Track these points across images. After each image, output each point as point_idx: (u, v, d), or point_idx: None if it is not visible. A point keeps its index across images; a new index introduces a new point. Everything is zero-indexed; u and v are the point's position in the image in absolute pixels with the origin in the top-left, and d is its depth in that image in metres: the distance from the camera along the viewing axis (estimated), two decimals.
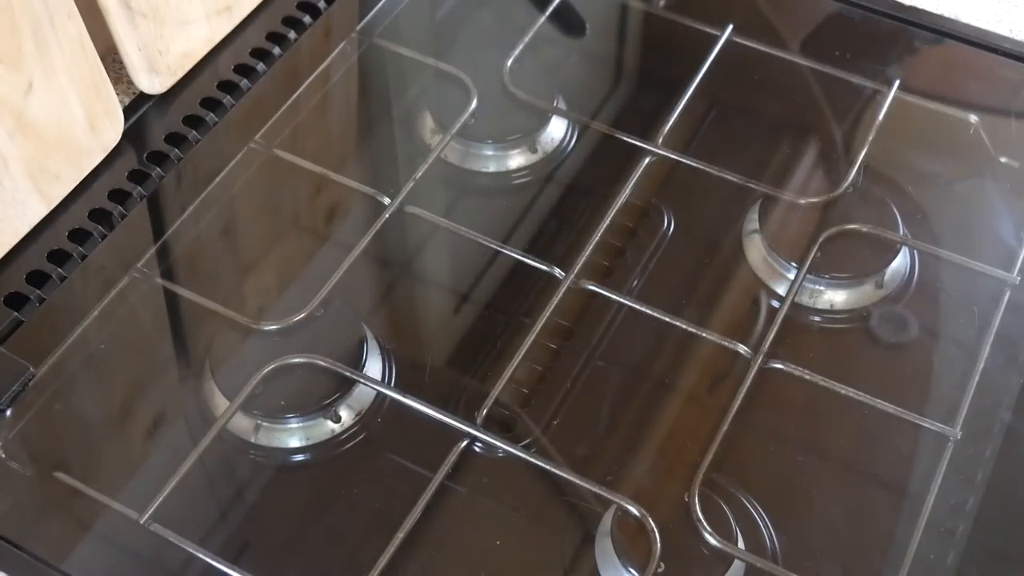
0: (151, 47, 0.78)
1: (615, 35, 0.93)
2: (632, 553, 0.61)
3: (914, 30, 0.87)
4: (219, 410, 0.67)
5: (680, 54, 0.87)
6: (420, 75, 0.86)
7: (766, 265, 0.75)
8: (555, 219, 0.78)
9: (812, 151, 0.82)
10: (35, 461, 0.66)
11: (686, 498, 0.63)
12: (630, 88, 0.89)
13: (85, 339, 0.70)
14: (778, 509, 0.64)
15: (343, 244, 0.75)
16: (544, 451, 0.67)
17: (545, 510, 0.66)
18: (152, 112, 0.80)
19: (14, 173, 0.71)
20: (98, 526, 0.64)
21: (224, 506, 0.66)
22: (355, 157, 0.84)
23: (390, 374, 0.70)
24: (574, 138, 0.82)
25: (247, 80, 0.82)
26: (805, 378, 0.69)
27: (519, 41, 0.85)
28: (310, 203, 0.80)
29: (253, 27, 0.85)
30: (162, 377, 0.71)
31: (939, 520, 0.63)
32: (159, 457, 0.66)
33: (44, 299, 0.71)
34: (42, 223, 0.73)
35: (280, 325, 0.70)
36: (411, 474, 0.66)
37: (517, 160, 0.81)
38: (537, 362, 0.70)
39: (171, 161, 0.78)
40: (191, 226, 0.76)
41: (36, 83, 0.71)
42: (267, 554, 0.64)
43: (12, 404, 0.67)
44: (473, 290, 0.75)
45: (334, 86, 0.85)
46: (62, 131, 0.73)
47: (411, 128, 0.83)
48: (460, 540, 0.64)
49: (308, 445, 0.67)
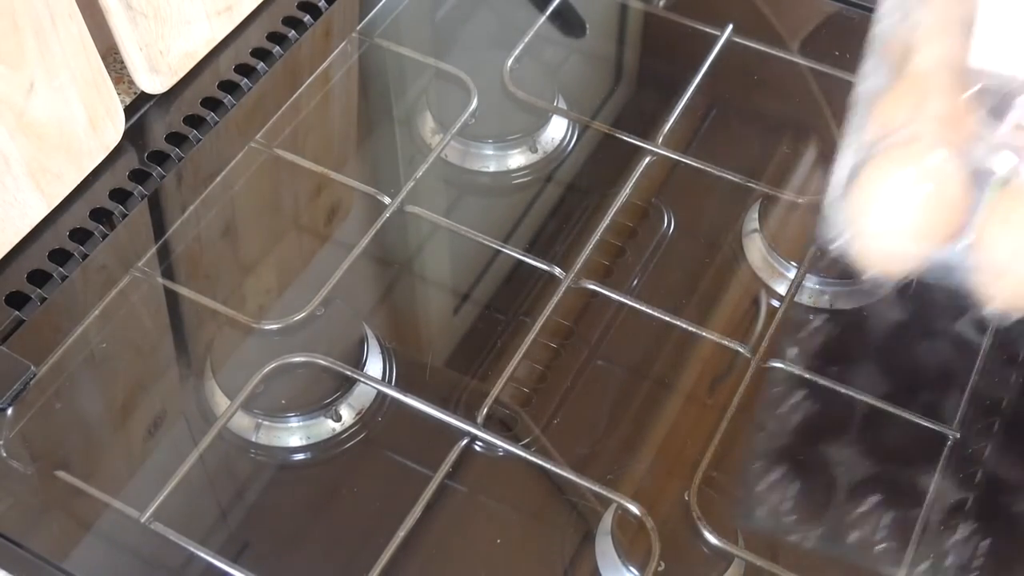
0: (152, 47, 0.78)
1: (615, 35, 0.93)
2: (632, 552, 0.61)
3: None
4: (220, 409, 0.67)
5: (680, 54, 0.87)
6: (420, 75, 0.86)
7: (766, 265, 0.75)
8: (555, 219, 0.78)
9: (812, 151, 0.82)
10: (36, 460, 0.66)
11: (686, 497, 0.63)
12: (630, 88, 0.89)
13: (86, 338, 0.70)
14: (778, 508, 0.65)
15: (343, 243, 0.75)
16: (544, 450, 0.67)
17: (545, 509, 0.66)
18: (153, 112, 0.80)
19: (15, 172, 0.71)
20: (99, 525, 0.64)
21: (225, 505, 0.66)
22: (355, 157, 0.84)
23: (390, 373, 0.70)
24: (574, 138, 0.82)
25: (248, 80, 0.82)
26: (805, 377, 0.69)
27: (519, 41, 0.85)
28: (311, 202, 0.80)
29: (254, 27, 0.85)
30: (163, 376, 0.71)
31: (939, 520, 0.63)
32: (160, 456, 0.66)
33: (45, 298, 0.71)
34: (43, 222, 0.73)
35: (281, 324, 0.70)
36: (411, 473, 0.66)
37: (517, 160, 0.81)
38: (537, 361, 0.70)
39: (172, 161, 0.78)
40: (192, 225, 0.76)
41: (37, 83, 0.71)
42: (267, 553, 0.64)
43: (13, 403, 0.67)
44: (473, 289, 0.75)
45: (335, 86, 0.85)
46: (63, 130, 0.73)
47: (411, 128, 0.83)
48: (460, 540, 0.64)
49: (309, 444, 0.67)
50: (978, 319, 0.60)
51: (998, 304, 0.47)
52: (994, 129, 0.48)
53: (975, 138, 0.48)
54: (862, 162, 0.49)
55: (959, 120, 0.49)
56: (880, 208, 0.48)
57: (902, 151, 0.49)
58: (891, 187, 0.48)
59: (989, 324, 0.67)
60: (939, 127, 0.49)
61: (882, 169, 0.49)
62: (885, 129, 0.50)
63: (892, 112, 0.51)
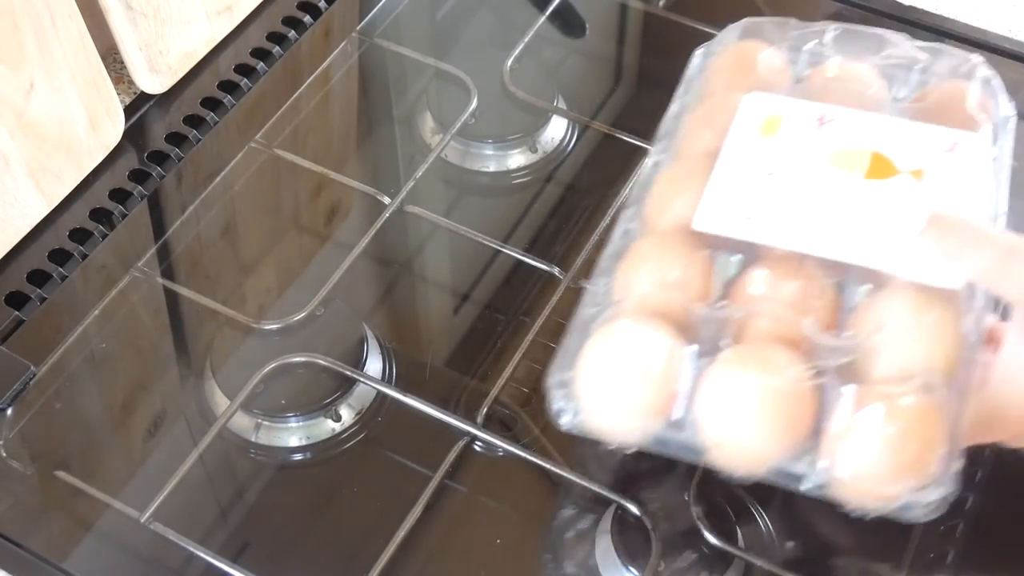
0: (152, 47, 0.78)
1: (615, 35, 0.93)
2: (632, 552, 0.61)
3: (914, 30, 0.87)
4: (220, 409, 0.67)
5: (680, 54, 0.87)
6: (420, 75, 0.86)
7: None
8: (555, 219, 0.78)
9: None
10: (36, 460, 0.66)
11: (686, 497, 0.63)
12: (630, 88, 0.89)
13: (86, 338, 0.70)
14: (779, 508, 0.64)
15: (343, 243, 0.75)
16: (544, 450, 0.67)
17: (545, 509, 0.66)
18: (153, 112, 0.80)
19: (15, 172, 0.71)
20: (99, 525, 0.64)
21: (225, 505, 0.66)
22: (355, 157, 0.84)
23: (390, 373, 0.70)
24: (574, 138, 0.82)
25: (248, 80, 0.82)
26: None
27: (519, 41, 0.85)
28: (310, 202, 0.80)
29: (254, 27, 0.85)
30: (163, 376, 0.71)
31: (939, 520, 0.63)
32: (160, 456, 0.66)
33: (45, 298, 0.71)
34: (43, 222, 0.73)
35: (280, 324, 0.70)
36: (411, 473, 0.66)
37: (517, 160, 0.81)
38: (537, 361, 0.70)
39: (172, 161, 0.78)
40: (192, 226, 0.76)
41: (37, 83, 0.71)
42: (267, 553, 0.64)
43: (13, 403, 0.67)
44: (473, 289, 0.75)
45: (334, 86, 0.85)
46: (63, 131, 0.73)
47: (411, 128, 0.83)
48: (460, 540, 0.64)
49: (308, 444, 0.67)
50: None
51: (722, 467, 0.50)
52: (718, 307, 0.52)
53: (697, 316, 0.51)
54: (583, 338, 0.52)
55: (688, 290, 0.53)
56: (600, 385, 0.51)
57: (608, 328, 0.52)
58: (606, 365, 0.51)
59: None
60: (658, 301, 0.52)
61: (599, 346, 0.52)
62: (621, 294, 0.54)
63: (633, 273, 0.54)
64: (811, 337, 0.50)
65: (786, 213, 0.54)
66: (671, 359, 0.50)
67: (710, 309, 0.52)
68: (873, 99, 0.58)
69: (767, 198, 0.54)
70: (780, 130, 0.56)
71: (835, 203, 0.54)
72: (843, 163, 0.55)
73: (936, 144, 0.55)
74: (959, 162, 0.55)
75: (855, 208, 0.54)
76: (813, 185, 0.54)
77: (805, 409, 0.49)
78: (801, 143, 0.56)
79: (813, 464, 0.49)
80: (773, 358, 0.50)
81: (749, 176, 0.55)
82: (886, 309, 0.51)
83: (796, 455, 0.49)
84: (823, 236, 0.53)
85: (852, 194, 0.54)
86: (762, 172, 0.55)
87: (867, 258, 0.52)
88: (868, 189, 0.54)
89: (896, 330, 0.51)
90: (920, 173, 0.54)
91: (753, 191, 0.54)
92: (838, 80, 0.59)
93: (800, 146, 0.56)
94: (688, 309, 0.52)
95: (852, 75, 0.60)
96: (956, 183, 0.54)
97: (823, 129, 0.56)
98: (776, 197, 0.54)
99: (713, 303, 0.52)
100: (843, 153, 0.55)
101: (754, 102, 0.58)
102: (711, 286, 0.53)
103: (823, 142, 0.56)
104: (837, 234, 0.53)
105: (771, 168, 0.55)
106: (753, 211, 0.54)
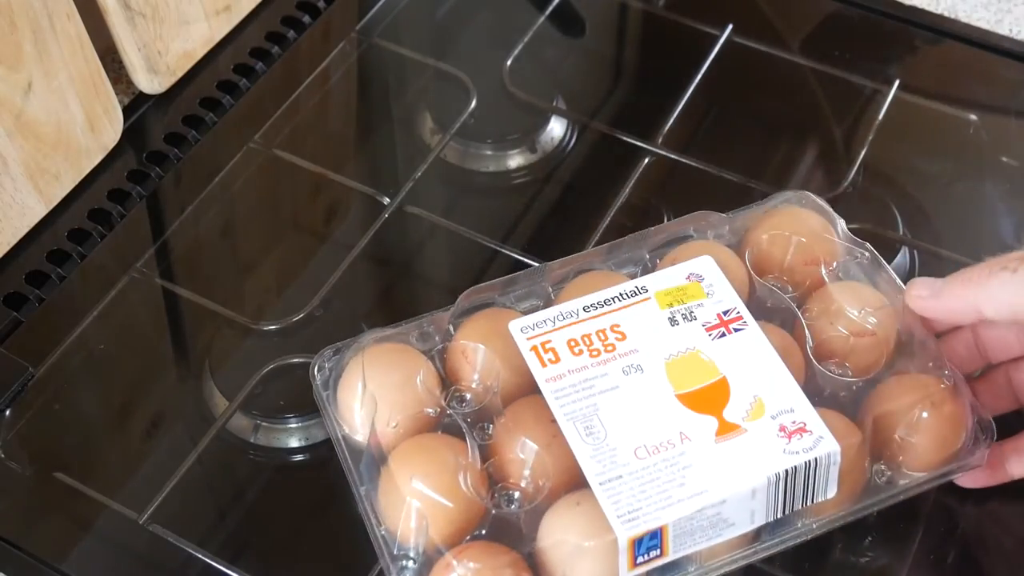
0: (150, 47, 0.78)
1: (615, 35, 0.93)
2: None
3: (914, 30, 0.87)
4: (218, 410, 0.67)
5: (680, 54, 0.87)
6: (420, 75, 0.86)
7: None
8: (555, 219, 0.78)
9: (812, 151, 0.82)
10: (34, 461, 0.66)
11: None
12: (630, 88, 0.89)
13: (84, 339, 0.70)
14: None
15: (342, 244, 0.75)
16: None
17: None
18: (151, 112, 0.80)
19: (13, 173, 0.71)
20: (97, 526, 0.63)
21: (223, 506, 0.66)
22: (354, 157, 0.84)
23: None
24: (574, 138, 0.82)
25: (247, 80, 0.82)
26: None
27: (519, 41, 0.85)
28: (309, 203, 0.80)
29: (253, 27, 0.85)
30: (161, 377, 0.71)
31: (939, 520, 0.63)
32: (158, 457, 0.66)
33: (43, 299, 0.71)
34: (41, 223, 0.73)
35: (279, 325, 0.70)
36: None
37: (517, 160, 0.81)
38: None
39: (170, 161, 0.78)
40: (190, 226, 0.76)
41: (35, 83, 0.71)
42: (266, 554, 0.64)
43: (11, 404, 0.67)
44: None
45: (334, 86, 0.85)
46: (61, 131, 0.73)
47: (411, 128, 0.83)
48: None
49: (307, 445, 0.67)
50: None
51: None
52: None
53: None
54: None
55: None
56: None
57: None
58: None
59: None
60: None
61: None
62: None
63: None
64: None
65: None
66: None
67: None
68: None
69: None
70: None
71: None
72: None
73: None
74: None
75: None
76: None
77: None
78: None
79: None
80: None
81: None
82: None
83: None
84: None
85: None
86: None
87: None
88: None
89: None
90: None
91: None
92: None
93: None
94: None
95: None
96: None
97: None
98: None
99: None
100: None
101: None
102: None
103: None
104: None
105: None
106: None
